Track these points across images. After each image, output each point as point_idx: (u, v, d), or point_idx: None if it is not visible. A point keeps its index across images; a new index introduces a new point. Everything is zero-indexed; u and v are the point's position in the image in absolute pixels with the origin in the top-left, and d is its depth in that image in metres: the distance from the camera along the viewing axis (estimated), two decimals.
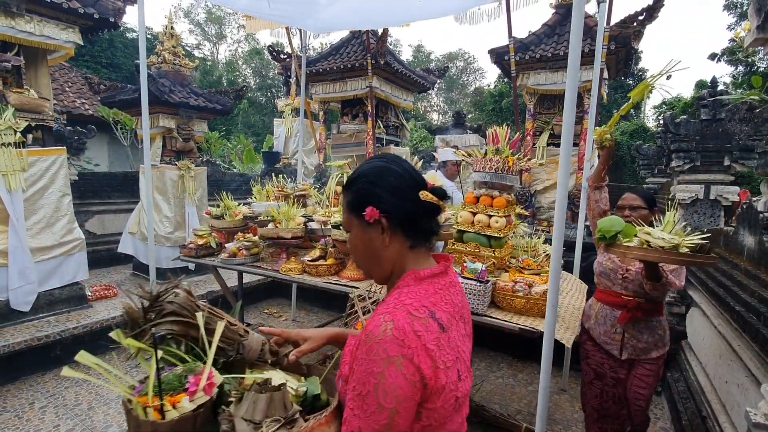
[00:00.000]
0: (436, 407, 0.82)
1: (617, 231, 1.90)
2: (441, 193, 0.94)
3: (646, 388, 2.23)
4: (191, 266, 5.75)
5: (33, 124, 4.29)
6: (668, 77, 1.91)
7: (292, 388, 1.01)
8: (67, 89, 11.43)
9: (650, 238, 1.81)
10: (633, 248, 1.82)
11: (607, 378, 2.31)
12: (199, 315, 0.99)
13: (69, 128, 5.92)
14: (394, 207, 0.91)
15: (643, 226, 1.97)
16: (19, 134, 3.83)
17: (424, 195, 0.92)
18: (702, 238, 1.74)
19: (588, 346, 2.41)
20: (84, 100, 11.38)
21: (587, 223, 3.37)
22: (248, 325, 4.85)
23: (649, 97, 2.19)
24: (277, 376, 1.06)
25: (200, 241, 3.44)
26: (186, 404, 0.87)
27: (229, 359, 1.06)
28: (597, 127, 2.45)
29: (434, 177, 3.30)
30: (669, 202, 3.49)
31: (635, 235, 1.87)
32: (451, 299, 0.94)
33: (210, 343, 0.97)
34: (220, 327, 1.00)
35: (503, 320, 2.09)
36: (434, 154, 8.53)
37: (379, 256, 0.95)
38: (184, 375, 0.94)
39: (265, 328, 1.16)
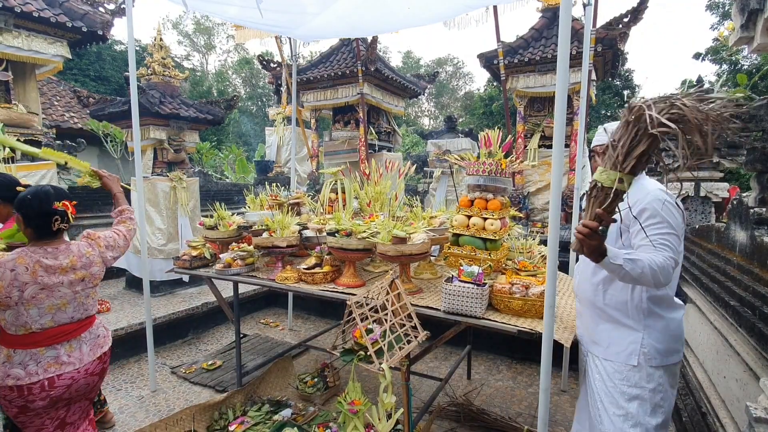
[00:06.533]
0: None
1: None
2: None
3: None
4: (185, 278, 5.68)
5: (22, 139, 4.26)
6: None
7: None
8: (56, 103, 11.35)
9: None
10: None
11: None
12: None
13: (58, 142, 5.88)
14: None
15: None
16: (8, 149, 3.79)
17: None
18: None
19: None
20: (73, 114, 11.30)
21: None
22: (244, 336, 4.83)
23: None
24: None
25: (194, 253, 3.41)
26: None
27: None
28: None
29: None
30: None
31: None
32: None
33: None
34: None
35: (501, 322, 2.09)
36: (427, 159, 8.56)
37: None
38: None
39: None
